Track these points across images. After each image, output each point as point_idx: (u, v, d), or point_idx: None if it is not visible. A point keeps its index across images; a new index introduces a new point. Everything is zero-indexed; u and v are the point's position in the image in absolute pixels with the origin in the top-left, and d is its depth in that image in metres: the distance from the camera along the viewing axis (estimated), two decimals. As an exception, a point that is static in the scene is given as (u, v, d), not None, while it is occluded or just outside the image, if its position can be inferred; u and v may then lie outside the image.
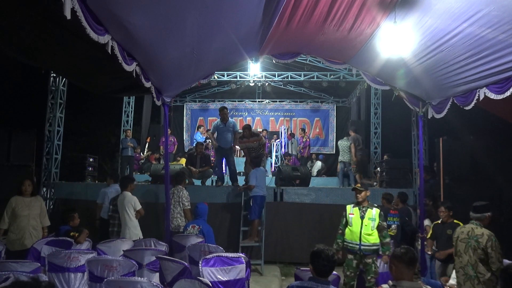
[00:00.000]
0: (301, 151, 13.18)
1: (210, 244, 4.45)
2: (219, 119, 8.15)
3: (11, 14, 3.24)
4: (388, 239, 4.91)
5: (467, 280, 3.94)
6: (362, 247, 4.84)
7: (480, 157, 7.20)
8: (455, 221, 5.37)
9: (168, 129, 13.21)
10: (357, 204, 5.04)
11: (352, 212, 5.01)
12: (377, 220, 4.89)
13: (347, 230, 5.00)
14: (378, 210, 4.96)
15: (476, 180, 7.19)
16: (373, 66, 5.84)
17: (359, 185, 5.29)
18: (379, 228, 4.88)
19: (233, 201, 7.75)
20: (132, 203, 5.86)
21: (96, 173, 10.25)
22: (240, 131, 8.17)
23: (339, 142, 11.47)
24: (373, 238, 4.86)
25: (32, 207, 5.31)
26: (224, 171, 8.82)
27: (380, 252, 4.90)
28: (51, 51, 4.08)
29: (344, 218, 5.06)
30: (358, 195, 5.02)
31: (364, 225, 4.88)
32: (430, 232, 5.77)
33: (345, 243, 4.99)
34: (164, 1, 3.39)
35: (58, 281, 3.73)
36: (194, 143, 10.23)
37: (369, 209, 4.95)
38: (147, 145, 13.05)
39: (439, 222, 5.61)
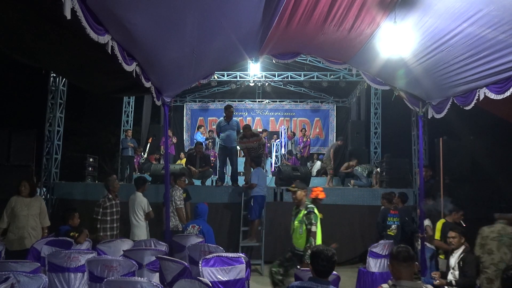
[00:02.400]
0: (301, 151, 13.17)
1: (210, 244, 4.46)
2: (222, 118, 8.15)
3: (11, 14, 3.24)
4: (311, 244, 4.30)
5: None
6: (295, 251, 4.57)
7: (480, 157, 7.19)
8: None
9: (171, 130, 13.37)
10: (296, 206, 4.66)
11: (292, 213, 4.74)
12: (304, 222, 4.45)
13: None
14: (305, 212, 4.48)
15: (476, 180, 7.19)
16: (373, 66, 5.83)
17: (293, 185, 4.74)
18: (306, 232, 4.40)
19: (233, 201, 7.75)
20: (142, 205, 5.87)
21: (96, 173, 10.25)
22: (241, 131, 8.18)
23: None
24: (304, 243, 4.44)
25: (31, 207, 5.32)
26: (225, 171, 8.82)
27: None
28: (51, 51, 4.08)
29: None
30: (292, 196, 4.65)
31: (294, 228, 4.59)
32: (438, 232, 5.37)
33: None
34: (164, 1, 3.39)
35: (58, 281, 3.74)
36: (194, 143, 10.23)
37: (301, 211, 4.55)
38: (148, 145, 13.05)
39: (445, 221, 5.49)
